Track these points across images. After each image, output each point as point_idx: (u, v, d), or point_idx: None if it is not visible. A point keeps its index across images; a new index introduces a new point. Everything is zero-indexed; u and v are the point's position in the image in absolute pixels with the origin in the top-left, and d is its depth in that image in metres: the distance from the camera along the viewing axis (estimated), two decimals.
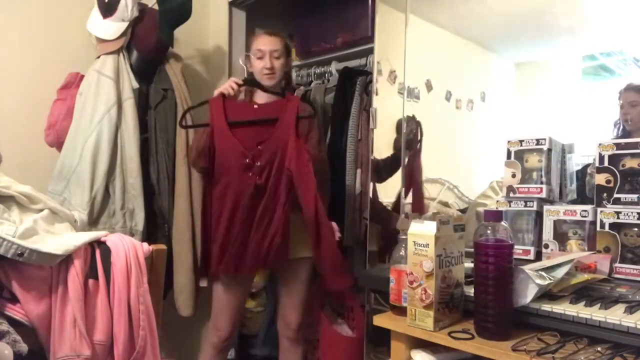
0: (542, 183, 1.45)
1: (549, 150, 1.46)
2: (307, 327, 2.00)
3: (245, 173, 1.76)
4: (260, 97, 1.95)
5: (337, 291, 1.86)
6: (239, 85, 1.87)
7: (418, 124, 1.95)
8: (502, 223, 1.12)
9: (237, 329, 1.96)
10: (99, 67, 1.98)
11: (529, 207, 1.46)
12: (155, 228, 2.12)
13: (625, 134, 1.55)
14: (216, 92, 1.86)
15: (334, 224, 1.82)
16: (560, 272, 1.14)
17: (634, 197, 1.27)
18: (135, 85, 2.04)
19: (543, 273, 1.11)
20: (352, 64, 2.35)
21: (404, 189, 1.89)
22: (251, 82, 1.93)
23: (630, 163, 1.29)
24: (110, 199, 1.96)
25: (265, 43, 1.90)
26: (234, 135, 1.78)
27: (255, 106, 1.85)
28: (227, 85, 1.85)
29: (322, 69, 2.50)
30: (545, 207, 1.43)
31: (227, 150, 1.78)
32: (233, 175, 1.78)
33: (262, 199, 1.76)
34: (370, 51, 2.08)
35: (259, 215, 1.76)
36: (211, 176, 1.83)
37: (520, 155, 1.50)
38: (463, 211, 1.95)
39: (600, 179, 1.33)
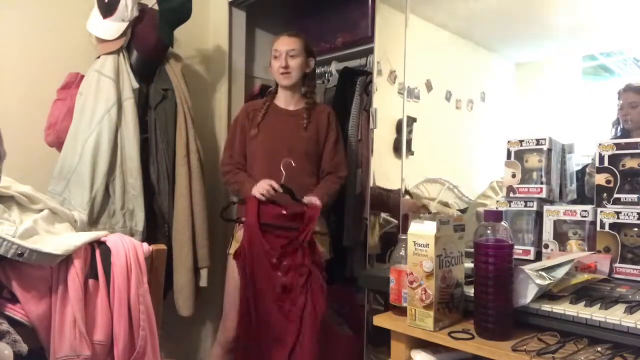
0: (542, 183, 1.45)
1: (549, 150, 1.46)
2: None
3: (274, 271, 1.78)
4: (282, 101, 2.01)
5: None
6: (275, 191, 1.83)
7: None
8: (502, 223, 1.12)
9: None
10: (99, 67, 1.98)
11: (529, 207, 1.46)
12: (155, 228, 2.12)
13: (625, 134, 1.55)
14: (254, 193, 1.84)
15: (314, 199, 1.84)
16: (560, 272, 1.14)
17: (634, 197, 1.27)
18: (135, 85, 2.04)
19: (543, 273, 1.11)
20: (352, 64, 2.35)
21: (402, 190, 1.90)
22: (287, 190, 1.86)
23: (630, 163, 1.29)
24: (110, 199, 1.96)
25: (283, 43, 1.95)
26: (263, 234, 1.81)
27: (284, 212, 1.84)
28: (264, 191, 1.82)
29: (322, 69, 2.50)
30: (545, 207, 1.43)
31: (256, 249, 1.80)
32: (262, 273, 1.79)
33: (288, 295, 1.78)
34: (370, 51, 2.08)
35: (287, 313, 1.77)
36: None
37: (520, 155, 1.50)
38: (463, 211, 1.95)
39: (600, 179, 1.32)
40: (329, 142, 1.99)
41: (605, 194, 1.31)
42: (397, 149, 1.95)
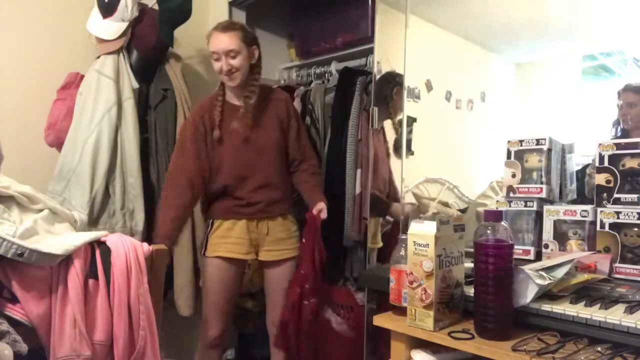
0: (542, 183, 1.45)
1: (549, 150, 1.46)
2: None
3: None
4: (233, 97, 1.91)
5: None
6: None
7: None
8: (502, 223, 1.12)
9: (228, 326, 1.98)
10: (99, 67, 1.98)
11: (529, 207, 1.46)
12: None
13: (624, 133, 1.55)
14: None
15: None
16: (560, 272, 1.14)
17: (634, 197, 1.27)
18: (135, 85, 2.04)
19: (543, 273, 1.11)
20: (352, 64, 2.34)
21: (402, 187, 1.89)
22: None
23: (630, 163, 1.28)
24: (110, 199, 1.97)
25: (219, 43, 1.78)
26: None
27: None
28: None
29: (322, 69, 2.50)
30: (545, 207, 1.43)
31: None
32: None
33: None
34: (370, 51, 2.08)
35: None
36: None
37: (520, 155, 1.49)
38: (463, 211, 1.95)
39: (600, 179, 1.32)
40: (292, 130, 1.93)
41: (605, 194, 1.31)
42: (397, 149, 1.95)
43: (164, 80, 2.15)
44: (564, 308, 1.07)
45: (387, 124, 1.99)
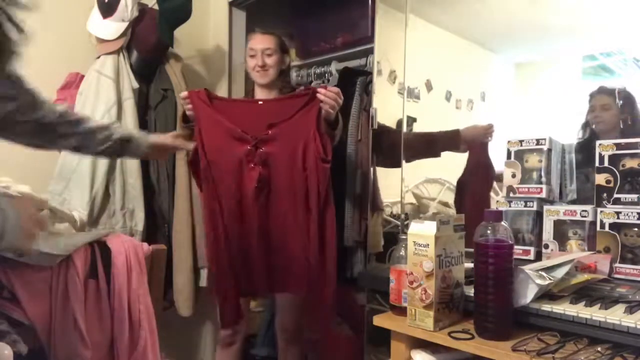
0: (542, 183, 1.45)
1: (549, 150, 1.46)
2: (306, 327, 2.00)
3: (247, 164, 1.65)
4: (259, 95, 1.94)
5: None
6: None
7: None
8: (502, 223, 1.12)
9: (243, 324, 1.97)
10: (99, 67, 1.98)
11: (529, 207, 1.46)
12: (155, 228, 2.12)
13: (593, 136, 1.55)
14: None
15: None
16: (560, 272, 1.14)
17: (634, 197, 1.27)
18: (135, 85, 2.04)
19: (543, 273, 1.11)
20: (352, 64, 2.34)
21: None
22: None
23: (630, 163, 1.29)
24: (110, 199, 1.97)
25: (258, 42, 1.91)
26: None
27: (260, 102, 1.79)
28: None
29: (322, 69, 2.50)
30: (545, 207, 1.43)
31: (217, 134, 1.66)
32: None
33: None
34: (370, 51, 2.08)
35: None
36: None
37: (520, 155, 1.49)
38: None
39: (600, 179, 1.33)
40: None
41: (605, 194, 1.31)
42: None
43: (164, 80, 2.15)
44: (564, 308, 1.07)
45: None
